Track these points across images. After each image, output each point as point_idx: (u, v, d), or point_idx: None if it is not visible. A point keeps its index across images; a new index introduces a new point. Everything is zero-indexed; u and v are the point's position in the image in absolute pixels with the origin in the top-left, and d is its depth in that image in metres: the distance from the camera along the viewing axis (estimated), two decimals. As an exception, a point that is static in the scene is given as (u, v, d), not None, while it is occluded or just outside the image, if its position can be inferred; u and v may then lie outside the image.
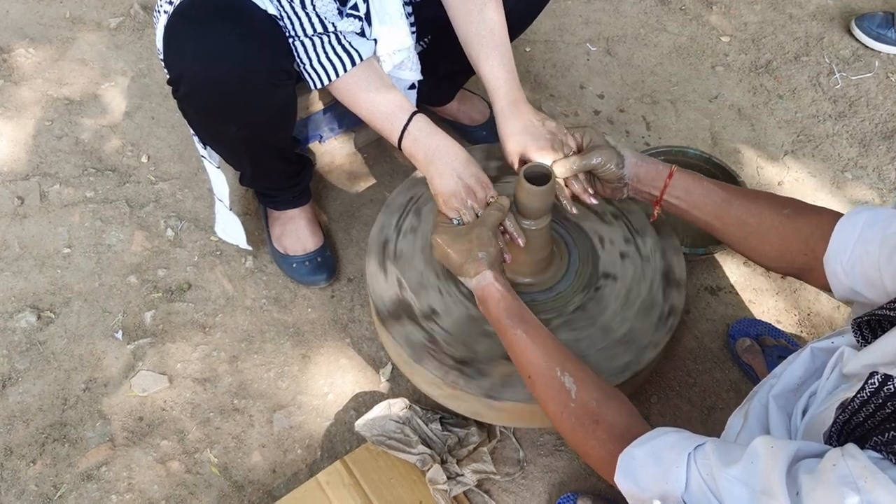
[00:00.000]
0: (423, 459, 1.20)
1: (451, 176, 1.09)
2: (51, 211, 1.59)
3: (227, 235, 1.46)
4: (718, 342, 1.43)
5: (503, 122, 1.14)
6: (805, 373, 0.91)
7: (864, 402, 0.70)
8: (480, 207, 1.10)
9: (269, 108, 1.16)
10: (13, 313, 1.44)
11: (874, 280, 0.83)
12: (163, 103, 1.79)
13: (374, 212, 1.57)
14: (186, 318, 1.45)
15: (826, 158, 1.73)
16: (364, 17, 1.14)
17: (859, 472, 0.59)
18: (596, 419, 0.85)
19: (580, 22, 2.02)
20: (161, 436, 1.30)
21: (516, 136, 1.13)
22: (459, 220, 1.10)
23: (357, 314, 1.46)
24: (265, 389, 1.36)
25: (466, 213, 1.09)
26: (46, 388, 1.35)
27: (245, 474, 1.27)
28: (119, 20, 1.98)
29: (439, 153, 1.10)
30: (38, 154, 1.69)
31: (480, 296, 1.02)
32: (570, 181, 1.11)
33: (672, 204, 1.07)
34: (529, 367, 0.93)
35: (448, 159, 1.10)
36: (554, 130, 1.12)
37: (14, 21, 1.96)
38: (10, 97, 1.79)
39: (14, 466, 1.26)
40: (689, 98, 1.86)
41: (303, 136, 1.60)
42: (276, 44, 1.08)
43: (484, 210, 1.09)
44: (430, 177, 1.11)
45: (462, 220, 1.10)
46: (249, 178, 1.40)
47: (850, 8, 2.06)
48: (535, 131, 1.12)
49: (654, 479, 0.74)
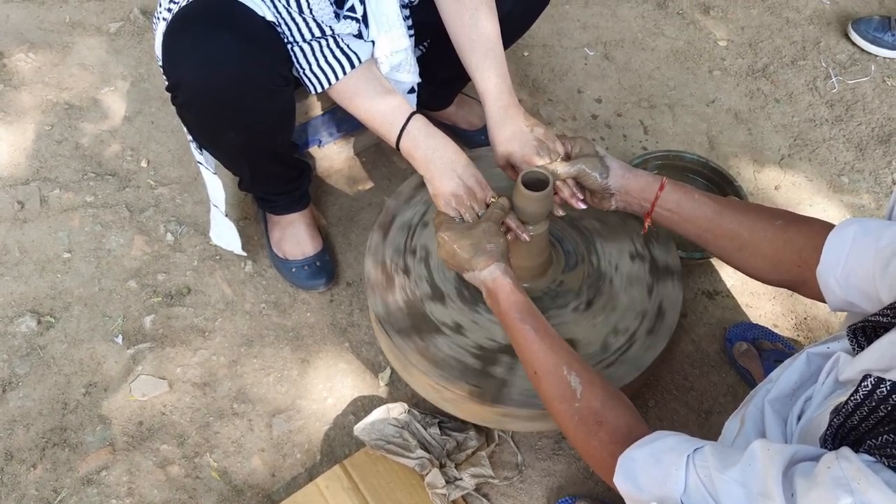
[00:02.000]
0: (422, 464, 1.20)
1: (451, 176, 1.10)
2: (51, 215, 1.60)
3: (221, 241, 1.47)
4: (715, 346, 1.44)
5: (493, 128, 1.16)
6: (801, 378, 0.91)
7: (858, 406, 0.70)
8: (480, 208, 1.10)
9: (268, 113, 1.16)
10: (13, 318, 1.44)
11: (870, 292, 0.84)
12: (162, 108, 1.80)
13: (373, 216, 1.57)
14: (186, 322, 1.45)
15: (823, 162, 1.74)
16: (361, 20, 1.15)
17: (853, 474, 0.60)
18: (599, 420, 0.85)
19: (578, 26, 2.03)
20: (161, 440, 1.31)
21: (504, 143, 1.15)
22: (461, 219, 1.11)
23: (356, 318, 1.47)
24: (264, 394, 1.37)
25: (467, 213, 1.10)
26: (47, 392, 1.36)
27: (244, 478, 1.27)
28: (119, 25, 1.98)
29: (438, 153, 1.11)
30: (38, 159, 1.70)
31: (490, 288, 1.02)
32: (559, 186, 1.12)
33: (663, 216, 1.08)
34: (536, 363, 0.94)
35: (447, 159, 1.10)
36: (542, 137, 1.13)
37: (14, 26, 1.97)
38: (10, 102, 1.80)
39: (14, 471, 1.27)
40: (686, 102, 1.87)
41: (301, 141, 1.61)
42: (275, 50, 1.08)
43: (484, 210, 1.10)
44: (429, 177, 1.12)
45: (463, 219, 1.10)
46: (248, 183, 1.41)
47: (847, 12, 2.07)
48: (522, 137, 1.13)
49: (654, 481, 0.74)
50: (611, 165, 1.10)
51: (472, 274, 1.05)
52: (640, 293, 1.21)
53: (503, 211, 1.08)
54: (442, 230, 1.08)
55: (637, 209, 1.11)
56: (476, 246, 1.03)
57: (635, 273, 1.24)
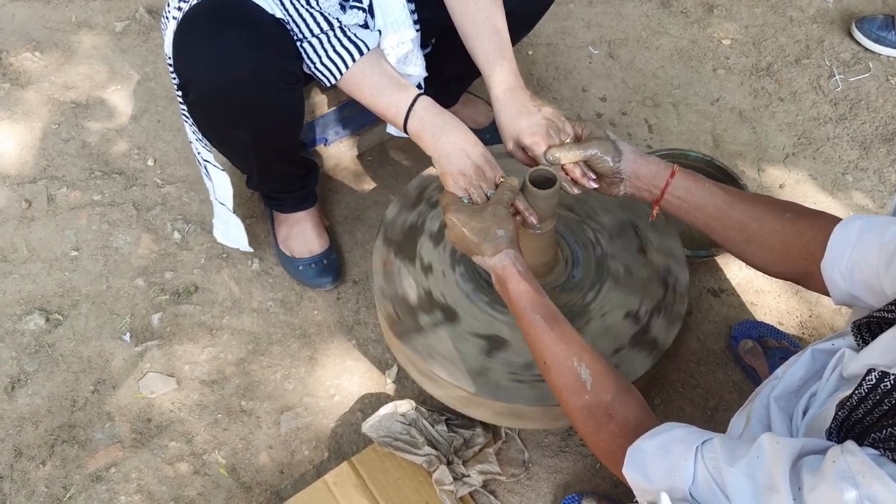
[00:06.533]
0: (430, 460, 1.21)
1: (460, 155, 1.08)
2: (58, 214, 1.61)
3: (227, 239, 1.47)
4: (721, 344, 1.44)
5: (499, 108, 1.13)
6: (806, 374, 0.92)
7: (862, 399, 0.71)
8: (490, 188, 1.08)
9: (278, 111, 1.17)
10: (22, 315, 1.45)
11: (874, 286, 0.85)
12: (168, 107, 1.81)
13: (380, 214, 1.58)
14: (194, 320, 1.46)
15: (827, 161, 1.74)
16: (367, 9, 1.16)
17: (858, 467, 0.61)
18: (609, 413, 0.86)
19: (582, 25, 2.04)
20: (169, 437, 1.31)
21: (512, 122, 1.12)
22: (469, 200, 1.08)
23: (363, 316, 1.48)
24: (272, 391, 1.37)
25: (475, 193, 1.07)
26: (55, 389, 1.37)
27: (253, 475, 1.28)
28: (125, 24, 1.99)
29: (446, 131, 1.08)
30: (46, 157, 1.70)
31: (500, 275, 1.00)
32: (569, 167, 1.09)
33: (672, 204, 1.06)
34: (545, 353, 0.93)
35: (455, 138, 1.08)
36: (551, 116, 1.11)
37: (20, 25, 1.98)
38: (17, 101, 1.81)
39: (24, 468, 1.28)
40: (690, 101, 1.87)
41: (308, 140, 1.61)
42: (285, 48, 1.09)
43: (493, 191, 1.08)
44: (437, 156, 1.09)
45: (472, 199, 1.08)
46: (256, 181, 1.42)
47: (851, 11, 2.07)
48: (530, 117, 1.10)
49: (663, 472, 0.75)
50: (623, 150, 1.07)
51: (481, 259, 1.03)
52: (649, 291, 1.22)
53: (512, 192, 1.06)
54: (450, 212, 1.05)
55: (646, 196, 1.09)
56: (486, 231, 1.01)
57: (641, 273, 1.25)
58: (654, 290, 1.22)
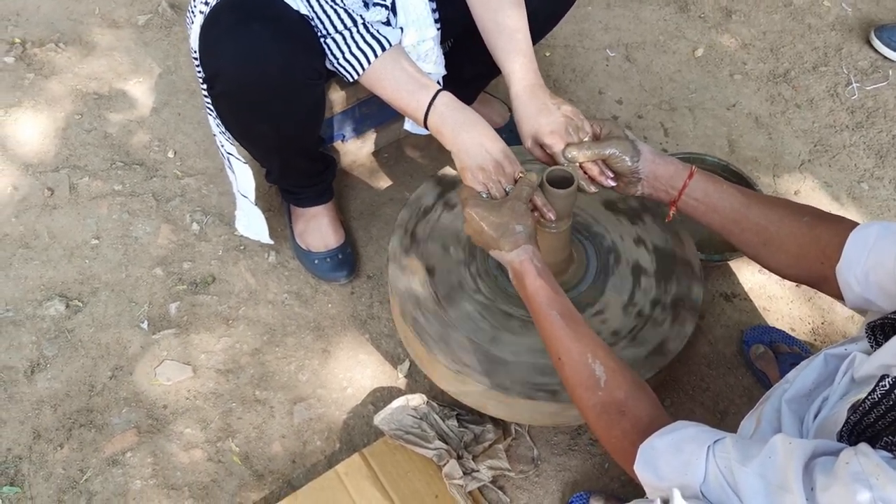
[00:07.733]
0: (440, 454, 1.22)
1: (479, 149, 1.08)
2: (79, 202, 1.63)
3: (248, 231, 1.49)
4: (732, 348, 1.45)
5: (519, 106, 1.14)
6: (818, 378, 0.92)
7: (875, 404, 0.72)
8: (508, 183, 1.08)
9: (302, 106, 1.19)
10: (42, 301, 1.48)
11: (889, 290, 0.85)
12: (189, 100, 1.83)
13: (395, 210, 1.60)
14: (210, 310, 1.48)
15: (843, 169, 1.74)
16: (389, 7, 1.17)
17: (872, 469, 0.61)
18: (622, 410, 0.86)
19: (600, 28, 2.04)
20: (184, 424, 1.33)
21: (531, 119, 1.12)
22: (488, 194, 1.08)
23: (376, 311, 1.49)
24: (286, 382, 1.39)
25: (494, 188, 1.08)
26: (74, 374, 1.39)
27: (265, 464, 1.30)
28: (147, 17, 2.02)
29: (466, 126, 1.09)
30: (68, 147, 1.73)
31: (517, 270, 1.01)
32: (587, 165, 1.10)
33: (689, 205, 1.06)
34: (560, 349, 0.94)
35: (475, 133, 1.09)
36: (569, 114, 1.11)
37: (45, 16, 2.01)
38: (41, 91, 1.84)
39: (42, 450, 1.30)
40: (707, 105, 1.87)
41: (326, 136, 1.63)
42: (310, 43, 1.11)
43: (512, 186, 1.08)
44: (456, 150, 1.10)
45: (490, 194, 1.08)
46: (276, 175, 1.44)
47: (870, 18, 2.07)
48: (549, 114, 1.11)
49: (674, 469, 0.76)
50: (641, 150, 1.08)
51: (498, 253, 1.04)
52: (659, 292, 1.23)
53: (531, 188, 1.06)
54: (469, 206, 1.06)
55: (663, 196, 1.09)
56: (504, 226, 1.01)
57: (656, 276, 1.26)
58: (666, 295, 1.23)
